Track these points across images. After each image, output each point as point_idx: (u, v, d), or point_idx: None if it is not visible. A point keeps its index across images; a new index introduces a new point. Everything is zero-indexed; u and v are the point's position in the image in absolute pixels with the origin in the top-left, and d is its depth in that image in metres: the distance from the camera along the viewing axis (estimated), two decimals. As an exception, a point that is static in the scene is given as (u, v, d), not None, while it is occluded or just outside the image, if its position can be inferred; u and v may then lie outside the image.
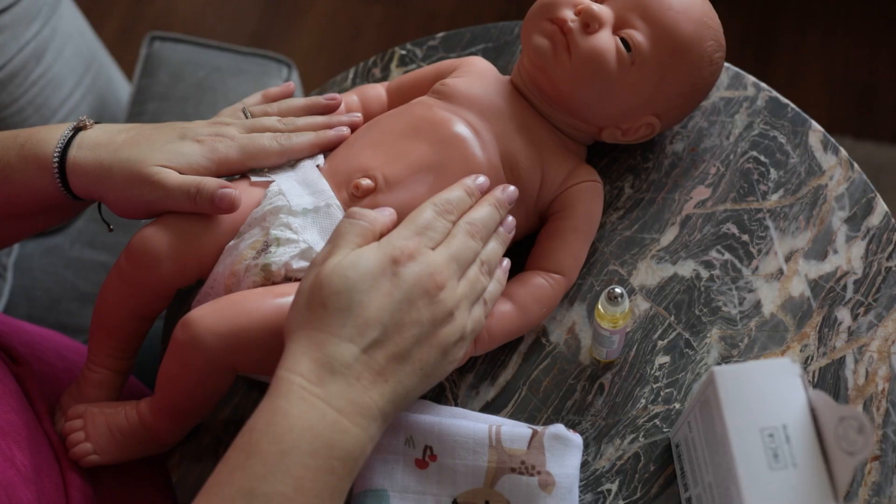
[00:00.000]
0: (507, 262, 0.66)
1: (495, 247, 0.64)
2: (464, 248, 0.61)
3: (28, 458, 0.61)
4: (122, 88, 1.13)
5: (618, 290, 0.63)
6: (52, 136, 0.67)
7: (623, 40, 0.68)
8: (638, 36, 0.68)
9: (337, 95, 0.75)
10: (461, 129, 0.69)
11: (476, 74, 0.74)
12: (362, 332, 0.55)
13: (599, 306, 0.64)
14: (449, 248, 0.60)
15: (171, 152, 0.66)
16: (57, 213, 0.70)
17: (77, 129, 0.67)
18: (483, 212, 0.63)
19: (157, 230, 0.66)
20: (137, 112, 1.04)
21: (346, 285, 0.56)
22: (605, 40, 0.68)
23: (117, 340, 0.68)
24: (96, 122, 0.69)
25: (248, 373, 0.66)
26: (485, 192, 0.65)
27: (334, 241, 0.59)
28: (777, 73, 1.72)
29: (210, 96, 1.04)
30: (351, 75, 0.86)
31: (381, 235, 0.60)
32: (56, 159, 0.65)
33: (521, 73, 0.73)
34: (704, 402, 0.57)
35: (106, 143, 0.67)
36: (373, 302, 0.56)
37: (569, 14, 0.68)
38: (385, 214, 0.62)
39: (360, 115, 0.74)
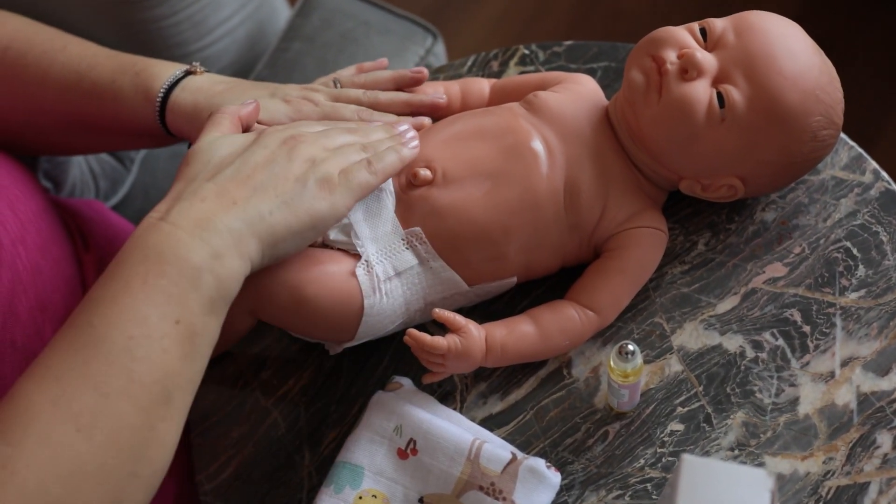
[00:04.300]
0: (415, 142, 0.67)
1: (386, 142, 0.66)
2: (337, 134, 0.64)
3: None
4: (283, 21, 1.18)
5: (630, 346, 0.61)
6: (164, 73, 0.72)
7: (719, 95, 0.65)
8: (735, 94, 0.65)
9: (424, 69, 0.76)
10: (536, 144, 0.69)
11: (574, 93, 0.72)
12: (215, 172, 0.60)
13: (610, 359, 0.63)
14: (320, 133, 0.64)
15: None
16: (152, 140, 0.77)
17: (188, 73, 0.73)
18: (369, 126, 0.68)
19: (224, 168, 0.70)
20: (282, 48, 1.09)
21: (207, 149, 0.61)
22: (700, 91, 0.65)
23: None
24: (206, 71, 0.74)
25: (271, 322, 0.69)
26: None
27: (202, 132, 0.64)
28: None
29: (352, 48, 1.07)
30: (469, 63, 0.87)
31: (245, 128, 0.66)
32: (160, 95, 0.71)
33: (616, 103, 0.71)
34: (672, 485, 0.55)
35: (206, 89, 0.72)
36: (229, 153, 0.61)
37: (670, 55, 0.66)
38: (246, 105, 0.66)
39: (444, 96, 0.75)
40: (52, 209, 0.79)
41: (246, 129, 0.66)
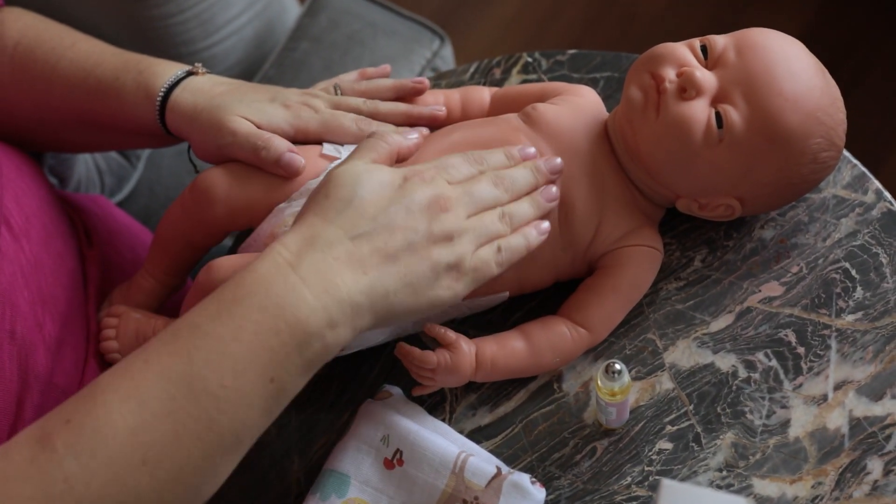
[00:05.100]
0: (545, 224, 0.64)
1: (525, 206, 0.63)
2: (482, 191, 0.61)
3: (57, 330, 0.68)
4: (292, 20, 1.18)
5: (617, 366, 0.61)
6: (166, 72, 0.73)
7: (718, 115, 0.64)
8: (734, 115, 0.64)
9: (425, 80, 0.76)
10: (531, 158, 0.68)
11: (573, 106, 0.72)
12: (354, 224, 0.57)
13: (598, 377, 0.63)
14: (465, 186, 0.61)
15: (255, 109, 0.70)
16: (150, 140, 0.77)
17: (190, 73, 0.73)
18: (517, 171, 0.64)
19: (222, 174, 0.70)
20: (290, 48, 1.09)
21: (352, 182, 0.58)
22: (698, 111, 0.64)
23: (169, 258, 0.74)
24: (208, 72, 0.74)
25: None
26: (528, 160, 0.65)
27: (354, 152, 0.62)
28: None
29: (358, 50, 1.07)
30: (472, 69, 0.86)
31: (401, 160, 0.64)
32: (161, 95, 0.72)
33: (615, 118, 0.70)
34: (652, 509, 0.55)
35: (206, 90, 0.72)
36: (372, 200, 0.58)
37: (670, 73, 0.65)
38: (410, 139, 0.64)
39: (443, 108, 0.75)
40: (57, 203, 0.79)
41: (400, 161, 0.65)
